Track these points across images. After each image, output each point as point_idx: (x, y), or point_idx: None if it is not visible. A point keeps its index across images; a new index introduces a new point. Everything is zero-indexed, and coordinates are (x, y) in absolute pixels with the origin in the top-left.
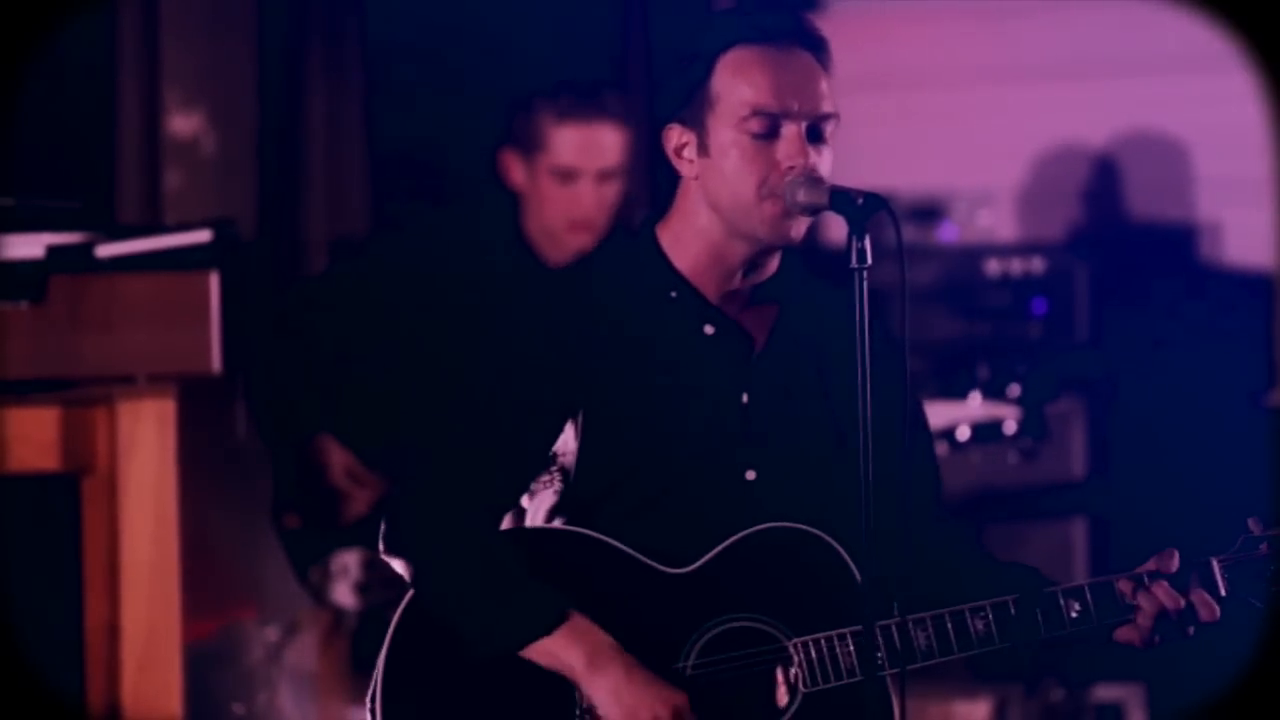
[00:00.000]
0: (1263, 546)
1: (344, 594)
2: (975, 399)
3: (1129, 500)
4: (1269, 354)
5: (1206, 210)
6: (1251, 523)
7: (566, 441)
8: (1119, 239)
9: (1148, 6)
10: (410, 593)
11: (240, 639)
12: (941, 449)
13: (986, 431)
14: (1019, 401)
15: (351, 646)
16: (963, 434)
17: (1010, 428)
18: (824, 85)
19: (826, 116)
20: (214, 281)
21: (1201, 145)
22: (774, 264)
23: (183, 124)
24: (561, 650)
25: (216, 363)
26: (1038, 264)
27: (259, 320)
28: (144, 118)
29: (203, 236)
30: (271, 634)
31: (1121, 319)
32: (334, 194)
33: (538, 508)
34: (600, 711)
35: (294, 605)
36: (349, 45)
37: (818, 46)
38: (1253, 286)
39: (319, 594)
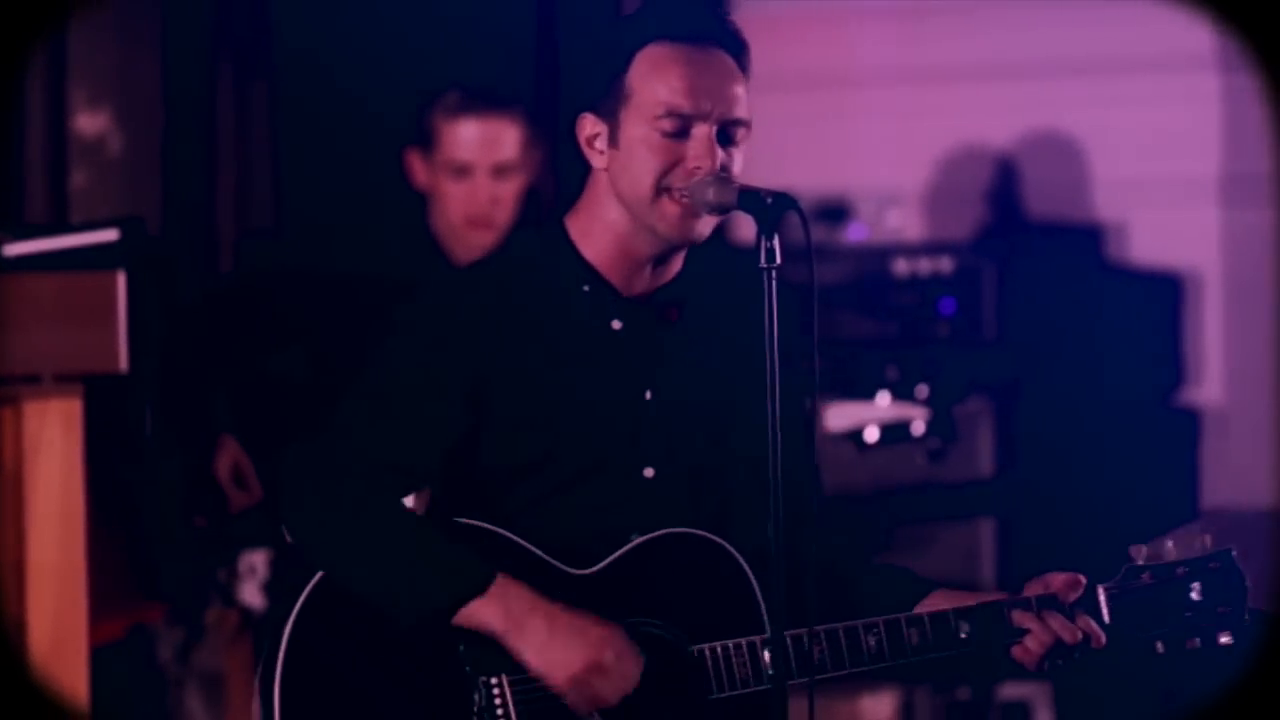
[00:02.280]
0: (1145, 576)
1: (251, 594)
2: (884, 400)
3: (1036, 500)
4: (1176, 353)
5: (1112, 211)
6: (1133, 550)
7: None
8: (1026, 239)
9: (1053, 8)
10: (307, 590)
11: (148, 639)
12: (849, 449)
13: (895, 432)
14: (927, 402)
15: (258, 646)
16: (871, 435)
17: (918, 429)
18: (739, 90)
19: (739, 122)
20: (121, 281)
21: (1107, 147)
22: (678, 264)
23: (89, 123)
24: (481, 613)
25: (123, 362)
26: (945, 264)
27: (166, 319)
28: (50, 117)
29: (109, 236)
30: (179, 634)
31: (1028, 318)
32: (242, 194)
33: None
34: (532, 670)
35: (201, 605)
36: (258, 45)
37: (738, 49)
38: (1158, 286)
39: (226, 594)
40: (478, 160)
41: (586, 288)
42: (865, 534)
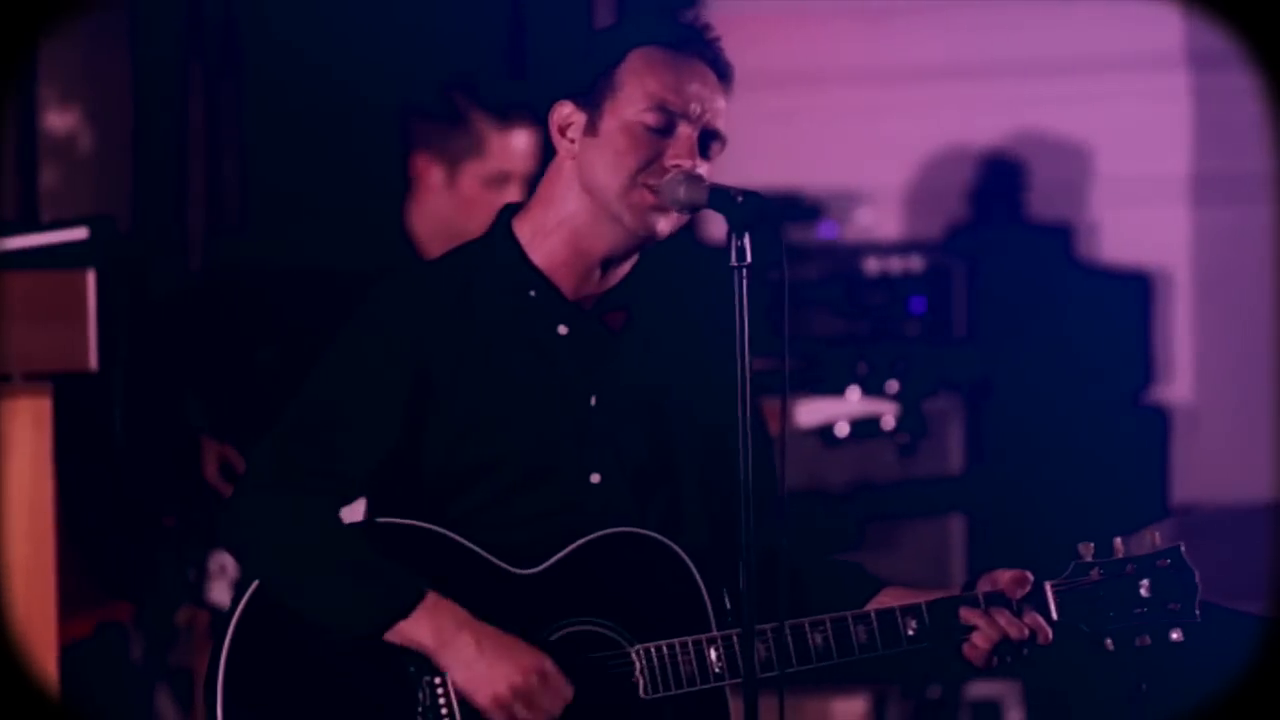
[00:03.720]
0: (1094, 572)
1: (221, 593)
2: (854, 395)
3: (1006, 497)
4: (1145, 351)
5: (1082, 209)
6: (1081, 548)
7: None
8: (996, 237)
9: (1023, 7)
10: (249, 590)
11: (117, 639)
12: (819, 445)
13: (865, 427)
14: (897, 397)
15: None
16: (841, 430)
17: (888, 423)
18: (722, 105)
19: (718, 134)
20: (91, 279)
21: (1077, 145)
22: (627, 268)
23: (59, 121)
24: (412, 630)
25: (93, 360)
26: (916, 262)
27: (136, 318)
28: (20, 114)
29: (79, 234)
30: (149, 634)
31: (999, 317)
32: (212, 191)
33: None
34: (458, 688)
35: (172, 605)
36: (227, 42)
37: (725, 73)
38: (1128, 284)
39: (196, 593)
40: (523, 170)
41: (532, 293)
42: (818, 532)
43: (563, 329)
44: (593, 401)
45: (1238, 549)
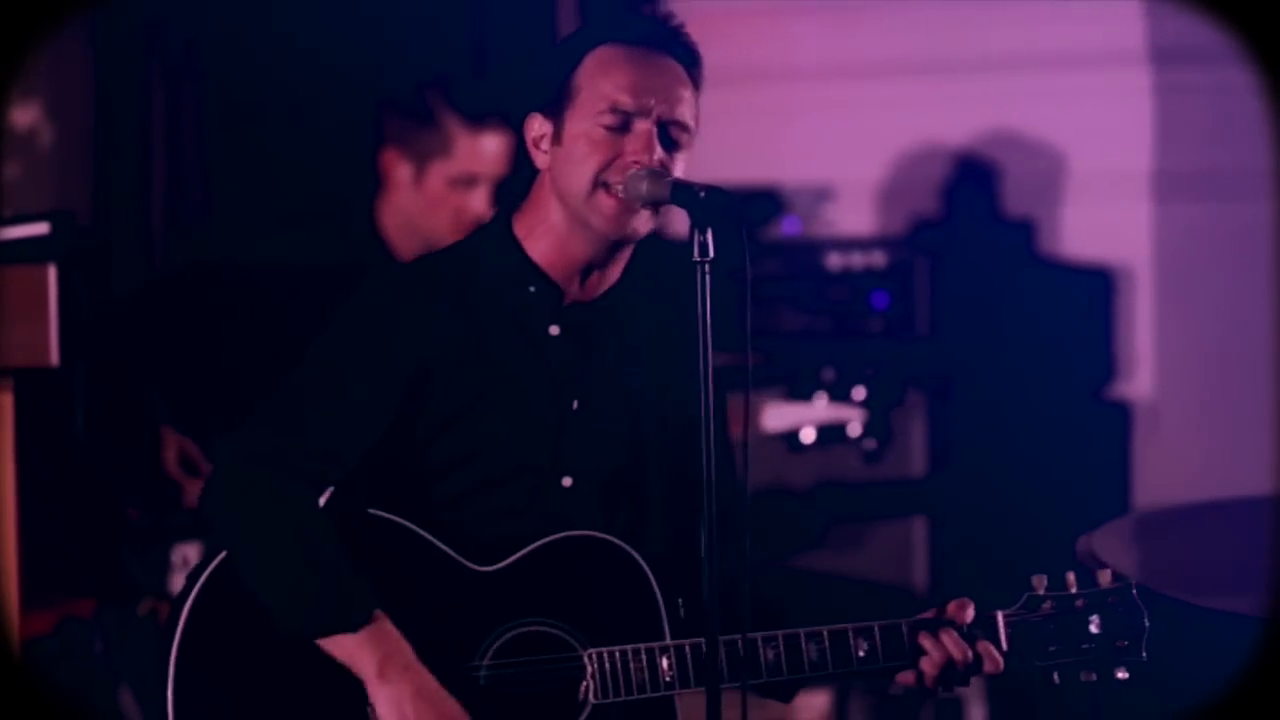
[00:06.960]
0: (1046, 605)
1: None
2: (821, 401)
3: (968, 496)
4: (1107, 347)
5: (1044, 205)
6: (1035, 580)
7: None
8: (958, 233)
9: (987, 3)
10: (206, 572)
11: (79, 633)
12: (784, 447)
13: (831, 434)
14: (864, 404)
15: None
16: (807, 436)
17: (855, 430)
18: (685, 93)
19: (682, 124)
20: (52, 274)
21: (1040, 141)
22: (616, 272)
23: (20, 116)
24: (357, 650)
25: (55, 355)
26: (879, 258)
27: (98, 312)
28: None
29: (40, 229)
30: (110, 628)
31: (961, 313)
32: (174, 186)
33: None
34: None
35: (134, 599)
36: (189, 37)
37: (689, 60)
38: (1090, 280)
39: (159, 586)
40: (491, 173)
41: (533, 289)
42: (781, 532)
43: (554, 329)
44: (574, 405)
45: (1198, 546)
